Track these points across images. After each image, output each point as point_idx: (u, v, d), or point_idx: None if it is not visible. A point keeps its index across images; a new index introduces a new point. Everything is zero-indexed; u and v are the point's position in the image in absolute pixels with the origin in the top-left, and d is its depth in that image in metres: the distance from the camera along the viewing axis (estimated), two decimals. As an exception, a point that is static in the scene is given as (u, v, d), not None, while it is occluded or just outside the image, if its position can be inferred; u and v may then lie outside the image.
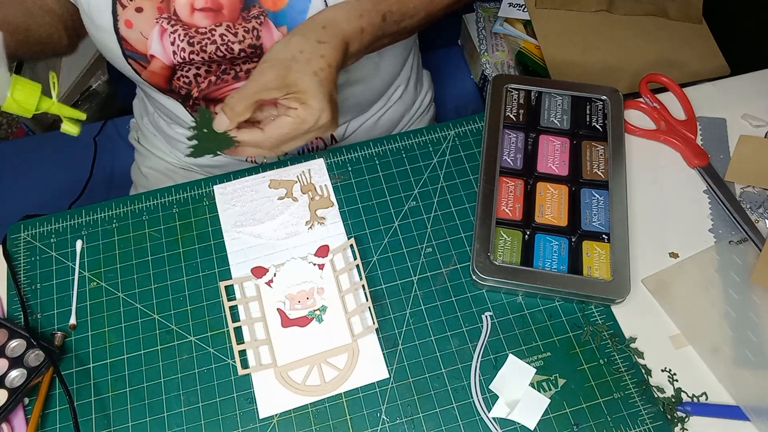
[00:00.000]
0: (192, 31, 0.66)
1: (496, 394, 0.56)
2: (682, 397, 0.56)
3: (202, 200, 0.67)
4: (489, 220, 0.62)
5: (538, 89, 0.71)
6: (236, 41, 0.67)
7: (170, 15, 0.65)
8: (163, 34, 0.66)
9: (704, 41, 1.11)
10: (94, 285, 0.62)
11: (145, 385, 0.57)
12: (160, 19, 0.65)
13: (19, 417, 0.56)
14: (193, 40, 0.67)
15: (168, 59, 0.68)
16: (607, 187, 0.64)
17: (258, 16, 0.66)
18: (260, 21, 0.66)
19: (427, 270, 0.63)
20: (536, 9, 1.16)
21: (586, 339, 0.59)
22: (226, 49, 0.68)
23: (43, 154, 1.09)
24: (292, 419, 0.56)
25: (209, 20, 0.66)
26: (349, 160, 0.69)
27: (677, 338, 0.59)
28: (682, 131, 0.70)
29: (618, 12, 1.14)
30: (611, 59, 1.09)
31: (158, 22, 0.65)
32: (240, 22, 0.66)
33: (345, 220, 0.65)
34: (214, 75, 0.70)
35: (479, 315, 0.60)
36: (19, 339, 0.58)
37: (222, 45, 0.67)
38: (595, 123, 0.69)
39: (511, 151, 0.67)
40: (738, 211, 0.65)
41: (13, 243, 0.65)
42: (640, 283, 0.62)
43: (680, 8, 1.13)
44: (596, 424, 0.55)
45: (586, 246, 0.61)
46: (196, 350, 0.59)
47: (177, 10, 0.65)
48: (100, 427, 0.56)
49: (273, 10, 0.66)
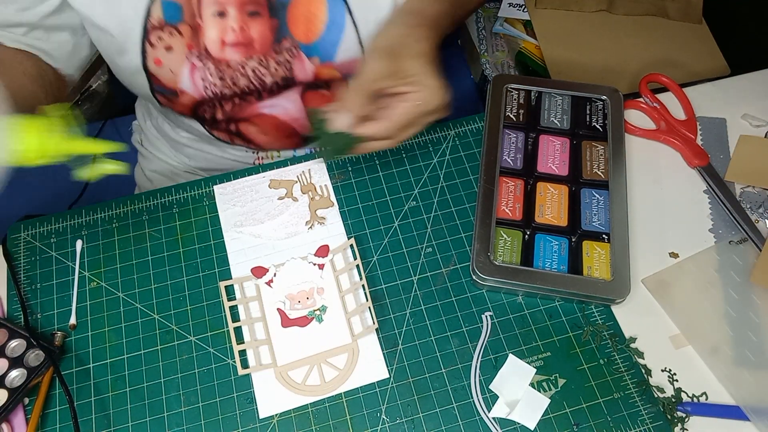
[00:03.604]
0: (223, 66, 0.66)
1: (496, 394, 0.56)
2: (682, 397, 0.56)
3: (202, 200, 0.67)
4: (489, 220, 0.62)
5: (538, 89, 0.71)
6: (268, 74, 0.67)
7: (200, 51, 0.65)
8: (193, 71, 0.65)
9: (704, 41, 1.12)
10: (94, 285, 0.62)
11: (145, 385, 0.57)
12: (191, 55, 0.65)
13: (19, 417, 0.56)
14: (224, 74, 0.66)
15: (198, 93, 0.67)
16: (607, 187, 0.64)
17: (290, 48, 0.66)
18: (292, 53, 0.66)
19: (427, 270, 0.63)
20: (536, 9, 1.16)
21: (586, 339, 0.59)
22: (258, 82, 0.68)
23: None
24: (292, 419, 0.56)
25: (240, 55, 0.65)
26: (349, 160, 0.69)
27: (677, 338, 0.59)
28: (682, 131, 0.70)
29: (618, 12, 1.14)
30: (611, 59, 1.09)
31: (188, 58, 0.65)
32: (271, 55, 0.66)
33: (345, 220, 0.65)
34: (238, 97, 0.70)
35: (479, 315, 0.60)
36: (19, 339, 0.58)
37: (254, 78, 0.67)
38: (595, 123, 0.69)
39: (511, 151, 0.67)
40: (738, 211, 0.65)
41: (13, 243, 0.65)
42: (640, 283, 0.62)
43: (680, 8, 1.13)
44: (596, 424, 0.55)
45: (586, 246, 0.61)
46: (196, 350, 0.59)
47: (207, 46, 0.64)
48: (100, 427, 0.56)
49: (305, 43, 0.66)
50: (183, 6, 0.62)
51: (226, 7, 0.63)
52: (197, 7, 0.62)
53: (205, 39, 0.64)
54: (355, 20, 0.65)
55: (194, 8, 0.62)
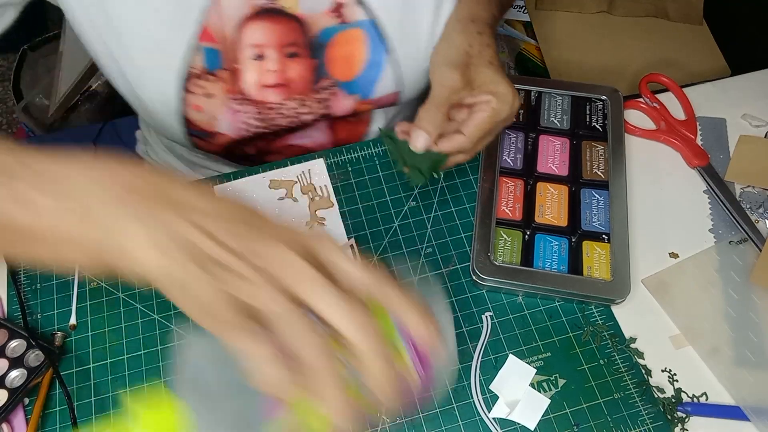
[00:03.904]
0: (262, 108, 0.65)
1: (496, 395, 0.56)
2: (682, 398, 0.56)
3: (202, 200, 0.67)
4: (489, 221, 0.62)
5: (538, 89, 0.71)
6: (307, 112, 0.66)
7: (240, 95, 0.64)
8: (232, 114, 0.65)
9: (704, 42, 1.12)
10: (95, 285, 0.62)
11: (146, 385, 0.57)
12: (230, 101, 0.64)
13: (19, 417, 0.56)
14: (264, 116, 0.66)
15: (236, 134, 0.67)
16: (607, 187, 0.64)
17: (329, 87, 0.65)
18: (331, 92, 0.66)
19: (427, 270, 0.62)
20: (536, 10, 1.16)
21: (587, 339, 0.59)
22: (297, 121, 0.67)
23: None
24: (292, 419, 0.55)
25: (280, 96, 0.65)
26: (349, 160, 0.69)
27: (677, 338, 0.59)
28: (682, 131, 0.70)
29: (618, 13, 1.14)
30: (611, 61, 1.09)
31: (227, 104, 0.64)
32: (311, 95, 0.65)
33: (345, 221, 0.65)
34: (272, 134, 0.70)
35: (479, 315, 0.60)
36: (19, 339, 0.58)
37: (293, 118, 0.66)
38: (595, 123, 0.69)
39: (511, 151, 0.67)
40: (738, 211, 0.65)
41: (14, 243, 0.65)
42: (640, 283, 0.62)
43: (681, 9, 1.13)
44: (596, 425, 0.55)
45: (586, 246, 0.61)
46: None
47: (246, 90, 0.63)
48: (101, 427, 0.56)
49: (344, 80, 0.65)
50: (222, 52, 0.61)
51: (264, 50, 0.61)
52: (235, 52, 0.61)
53: (244, 83, 0.63)
54: (395, 58, 0.64)
55: (233, 53, 0.61)
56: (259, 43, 0.61)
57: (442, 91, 0.55)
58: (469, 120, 0.56)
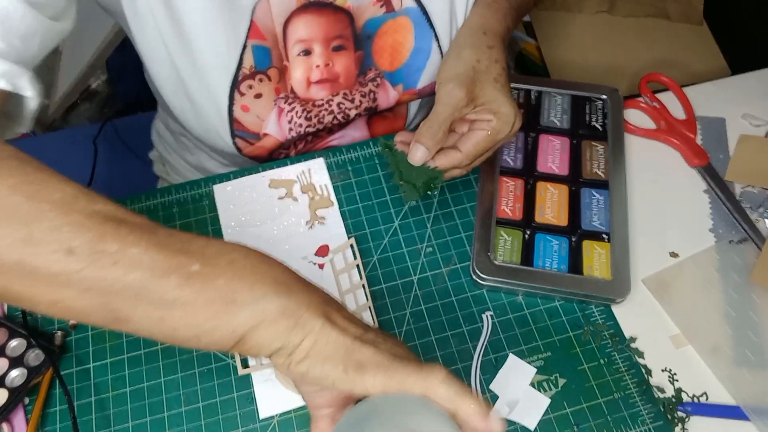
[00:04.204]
0: (309, 105, 0.65)
1: (496, 394, 0.56)
2: (682, 397, 0.56)
3: (202, 200, 0.67)
4: (489, 220, 0.62)
5: (538, 89, 0.71)
6: (353, 107, 0.66)
7: (287, 93, 0.63)
8: (280, 114, 0.64)
9: (704, 42, 1.12)
10: (94, 285, 0.62)
11: (146, 384, 0.57)
12: (278, 100, 0.63)
13: (20, 417, 0.56)
14: (311, 114, 0.65)
15: (282, 136, 0.66)
16: (607, 187, 0.64)
17: (374, 78, 0.65)
18: (377, 83, 0.65)
19: (427, 269, 0.62)
20: (537, 10, 1.16)
21: (587, 339, 0.59)
22: (343, 116, 0.67)
23: (43, 154, 1.08)
24: (292, 419, 0.55)
25: (326, 92, 0.64)
26: (349, 160, 0.69)
27: (677, 338, 0.59)
28: (682, 131, 0.70)
29: (619, 14, 1.14)
30: (611, 60, 1.09)
31: (276, 103, 0.63)
32: (357, 88, 0.65)
33: (345, 220, 0.65)
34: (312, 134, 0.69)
35: (479, 314, 0.60)
36: (19, 338, 0.58)
37: (339, 113, 0.66)
38: (595, 122, 0.69)
39: (511, 150, 0.67)
40: (738, 210, 0.65)
41: (13, 243, 0.65)
42: (641, 282, 0.62)
43: (681, 10, 1.13)
44: (596, 424, 0.55)
45: (587, 246, 0.61)
46: (196, 350, 0.59)
47: (294, 87, 0.63)
48: (101, 426, 0.55)
49: (389, 71, 0.65)
50: (271, 49, 0.60)
51: (311, 45, 0.61)
52: (284, 49, 0.61)
53: (292, 80, 0.63)
54: (441, 45, 0.64)
55: (281, 50, 0.61)
56: (306, 38, 0.61)
57: (445, 108, 0.54)
58: (467, 137, 0.56)
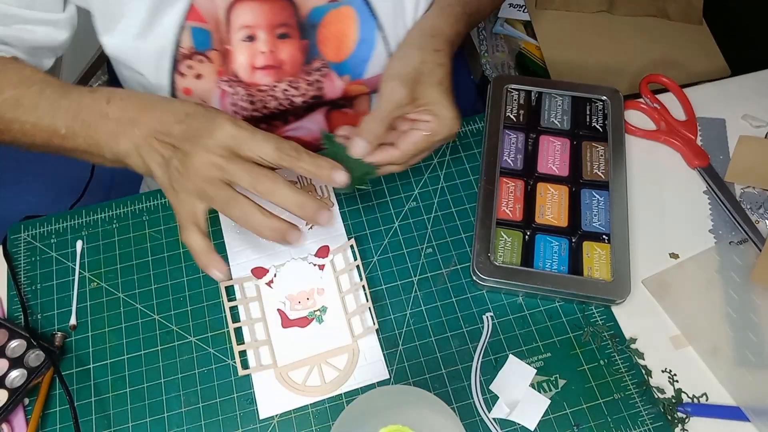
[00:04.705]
0: (253, 90, 0.65)
1: (496, 395, 0.56)
2: (682, 398, 0.56)
3: (202, 201, 0.67)
4: (489, 221, 0.62)
5: (538, 89, 0.71)
6: (298, 95, 0.67)
7: (230, 77, 0.64)
8: (223, 96, 0.65)
9: (704, 42, 1.12)
10: (95, 285, 0.62)
11: (146, 385, 0.57)
12: (221, 82, 0.64)
13: (19, 417, 0.56)
14: (254, 98, 0.66)
15: None
16: (607, 188, 0.64)
17: (320, 68, 0.66)
18: (323, 73, 0.66)
19: (427, 270, 0.63)
20: (536, 10, 1.16)
21: (587, 340, 0.59)
22: (288, 103, 0.67)
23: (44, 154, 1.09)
24: (292, 420, 0.56)
25: (271, 78, 0.65)
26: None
27: (677, 339, 0.59)
28: (682, 132, 0.70)
29: (618, 13, 1.14)
30: (611, 60, 1.09)
31: (218, 85, 0.64)
32: (302, 76, 0.66)
33: (345, 221, 0.65)
34: (264, 123, 0.70)
35: (480, 315, 0.60)
36: (19, 339, 0.58)
37: (284, 100, 0.67)
38: (595, 123, 0.69)
39: (512, 151, 0.67)
40: (738, 211, 0.65)
41: (14, 243, 0.65)
42: (641, 283, 0.62)
43: (681, 9, 1.13)
44: (596, 425, 0.55)
45: (587, 246, 0.61)
46: (197, 351, 0.59)
47: (237, 71, 0.64)
48: (101, 427, 0.55)
49: (335, 61, 0.66)
50: (212, 32, 0.61)
51: (255, 31, 0.62)
52: (226, 33, 0.62)
53: (235, 64, 0.63)
54: (385, 36, 0.65)
55: (223, 34, 0.62)
56: (250, 24, 0.62)
57: (386, 105, 0.55)
58: (406, 136, 0.57)
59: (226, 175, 0.48)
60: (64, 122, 0.54)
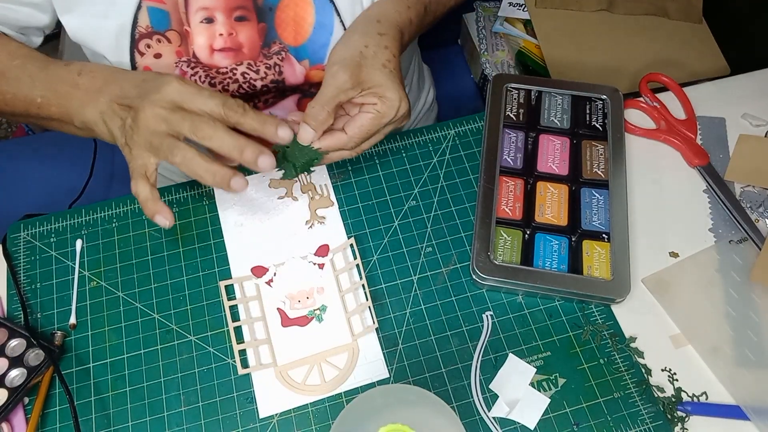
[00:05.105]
0: (213, 72, 0.66)
1: (496, 394, 0.56)
2: (682, 397, 0.56)
3: (202, 200, 0.67)
4: (489, 220, 0.62)
5: (538, 89, 0.71)
6: (258, 78, 0.67)
7: (189, 58, 0.65)
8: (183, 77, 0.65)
9: (704, 41, 1.11)
10: (94, 284, 0.62)
11: (145, 384, 0.57)
12: (180, 62, 0.65)
13: (19, 416, 0.56)
14: (214, 80, 0.67)
15: None
16: (607, 187, 0.64)
17: (279, 52, 0.66)
18: (281, 57, 0.66)
19: (427, 269, 0.63)
20: (536, 8, 1.16)
21: (586, 338, 0.59)
22: (248, 86, 0.68)
23: (43, 153, 1.09)
24: (292, 419, 0.56)
25: (230, 60, 0.66)
26: (349, 159, 0.69)
27: (677, 338, 0.59)
28: (682, 131, 0.70)
29: (618, 12, 1.14)
30: (611, 59, 1.09)
31: (178, 66, 0.65)
32: (261, 60, 0.66)
33: (345, 220, 0.65)
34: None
35: (479, 314, 0.60)
36: (19, 338, 0.58)
37: (244, 83, 0.67)
38: (595, 122, 0.69)
39: (511, 150, 0.67)
40: (738, 210, 0.65)
41: (13, 242, 0.65)
42: (640, 282, 0.62)
43: (680, 8, 1.13)
44: (596, 424, 0.55)
45: (586, 245, 0.61)
46: (196, 350, 0.59)
47: (196, 53, 0.65)
48: (101, 426, 0.56)
49: (294, 45, 0.66)
50: (170, 13, 0.62)
51: (213, 13, 0.63)
52: (185, 15, 0.62)
53: (194, 46, 0.64)
54: (343, 21, 0.65)
55: (182, 15, 0.62)
56: (207, 6, 0.62)
57: (329, 89, 0.55)
58: (353, 120, 0.57)
59: (169, 126, 0.51)
60: (40, 92, 0.58)
